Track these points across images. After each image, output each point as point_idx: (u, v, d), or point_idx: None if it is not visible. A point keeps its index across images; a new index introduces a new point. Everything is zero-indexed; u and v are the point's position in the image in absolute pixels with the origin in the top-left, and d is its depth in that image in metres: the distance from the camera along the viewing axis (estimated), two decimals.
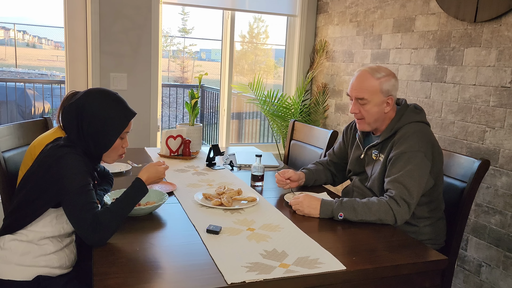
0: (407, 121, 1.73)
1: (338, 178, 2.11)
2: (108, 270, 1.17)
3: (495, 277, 2.35)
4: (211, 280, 1.14)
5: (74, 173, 1.33)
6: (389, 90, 1.73)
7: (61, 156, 1.34)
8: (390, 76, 1.74)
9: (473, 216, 2.45)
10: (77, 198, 1.31)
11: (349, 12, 3.50)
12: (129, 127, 1.51)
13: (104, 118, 1.42)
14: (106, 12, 3.18)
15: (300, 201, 1.67)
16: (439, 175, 1.76)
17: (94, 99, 1.43)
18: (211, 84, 6.24)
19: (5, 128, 2.00)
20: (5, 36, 8.63)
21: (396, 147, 1.69)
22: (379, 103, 1.73)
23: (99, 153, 1.46)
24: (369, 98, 1.72)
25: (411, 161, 1.64)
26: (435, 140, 1.74)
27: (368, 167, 1.86)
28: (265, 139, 4.79)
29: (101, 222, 1.29)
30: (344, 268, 1.24)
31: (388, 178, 1.67)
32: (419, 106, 1.81)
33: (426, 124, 1.76)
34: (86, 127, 1.41)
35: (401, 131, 1.71)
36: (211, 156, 2.38)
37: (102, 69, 3.24)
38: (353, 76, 1.79)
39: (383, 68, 1.76)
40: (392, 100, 1.75)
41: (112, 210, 1.34)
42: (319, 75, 3.89)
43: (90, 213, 1.30)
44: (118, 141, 1.48)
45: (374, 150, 1.81)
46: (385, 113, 1.76)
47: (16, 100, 4.86)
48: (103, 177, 1.77)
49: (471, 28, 2.44)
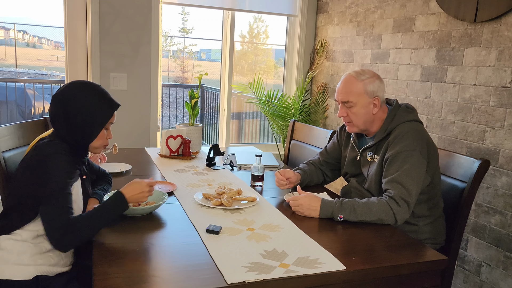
0: (400, 121, 1.74)
1: (329, 178, 2.12)
2: (108, 270, 1.17)
3: (495, 277, 2.35)
4: (211, 280, 1.14)
5: (54, 175, 1.33)
6: (374, 91, 1.76)
7: (46, 157, 1.35)
8: (374, 78, 1.77)
9: (473, 216, 2.45)
10: (54, 200, 1.31)
11: (349, 12, 3.50)
12: (113, 118, 1.52)
13: (91, 108, 1.44)
14: (106, 12, 3.18)
15: (300, 203, 1.66)
16: (436, 172, 1.76)
17: (79, 90, 1.45)
18: (211, 84, 6.24)
19: (5, 128, 2.00)
20: (5, 36, 8.63)
21: (391, 147, 1.70)
22: (366, 105, 1.75)
23: (85, 143, 1.47)
24: (354, 101, 1.75)
25: (408, 160, 1.64)
26: (429, 137, 1.75)
27: (364, 169, 1.87)
28: (265, 139, 4.80)
29: (73, 228, 1.29)
30: (344, 268, 1.24)
31: (385, 179, 1.68)
32: (410, 105, 1.82)
33: (419, 122, 1.77)
34: (74, 117, 1.42)
35: (395, 131, 1.72)
36: (211, 156, 2.38)
37: (102, 69, 3.24)
38: (339, 82, 1.82)
39: (367, 70, 1.79)
40: (379, 101, 1.76)
41: (87, 219, 1.33)
42: (319, 75, 3.89)
43: (64, 217, 1.30)
44: (103, 131, 1.49)
45: (369, 152, 1.83)
46: (373, 114, 1.77)
47: (16, 100, 4.86)
48: (101, 177, 1.77)
49: (471, 28, 2.44)
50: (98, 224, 1.35)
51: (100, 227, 1.36)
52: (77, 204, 1.44)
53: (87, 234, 1.32)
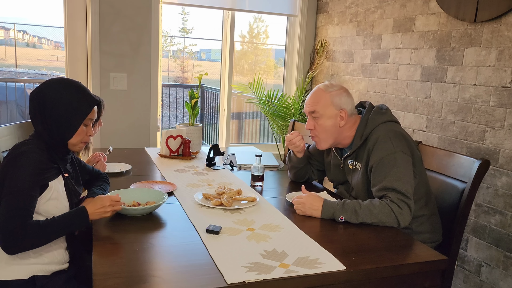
0: (375, 124, 1.74)
1: (314, 175, 2.14)
2: (108, 270, 1.17)
3: (495, 277, 2.35)
4: (211, 280, 1.14)
5: (19, 175, 1.31)
6: (341, 103, 1.78)
7: (16, 155, 1.35)
8: (342, 91, 1.80)
9: (473, 216, 2.45)
10: (11, 201, 1.29)
11: (349, 12, 3.50)
12: (93, 114, 1.50)
13: (67, 103, 1.42)
14: (106, 12, 3.18)
15: (302, 202, 1.66)
16: (421, 171, 1.76)
17: (56, 86, 1.44)
18: (211, 84, 6.24)
19: (5, 128, 2.01)
20: (5, 36, 8.62)
21: (373, 154, 1.70)
22: (332, 116, 1.77)
23: (63, 140, 1.45)
24: (321, 111, 1.78)
25: (393, 164, 1.64)
26: (407, 135, 1.75)
27: (349, 177, 1.88)
28: (265, 139, 4.80)
29: (26, 233, 1.26)
30: (344, 268, 1.24)
31: (376, 187, 1.67)
32: (384, 106, 1.82)
33: (394, 122, 1.78)
34: (49, 113, 1.41)
35: (372, 136, 1.72)
36: (211, 156, 2.38)
37: (102, 69, 3.25)
38: (308, 95, 1.85)
39: (336, 84, 1.83)
40: (346, 114, 1.78)
41: (43, 227, 1.30)
42: (319, 75, 3.89)
43: (20, 219, 1.27)
44: (82, 128, 1.47)
45: (350, 160, 1.83)
46: (340, 127, 1.79)
47: (16, 100, 4.86)
48: (97, 177, 1.76)
49: (471, 28, 2.44)
50: (52, 233, 1.33)
51: (53, 237, 1.34)
52: (60, 201, 1.43)
53: (38, 241, 1.30)
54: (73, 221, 1.37)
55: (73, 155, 1.61)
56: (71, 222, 1.37)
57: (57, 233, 1.35)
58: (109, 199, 1.43)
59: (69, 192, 1.48)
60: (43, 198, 1.38)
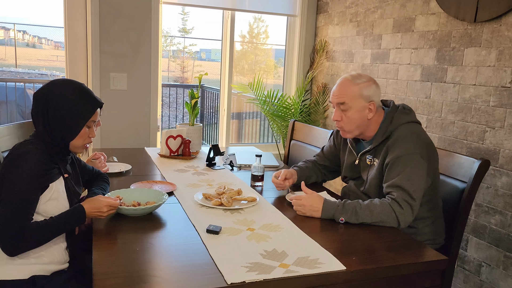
0: (399, 123, 1.73)
1: (328, 178, 2.12)
2: (108, 270, 1.17)
3: (495, 277, 2.35)
4: (211, 280, 1.14)
5: (19, 178, 1.31)
6: (370, 95, 1.74)
7: (16, 156, 1.34)
8: (371, 82, 1.76)
9: (473, 216, 2.45)
10: (12, 202, 1.29)
11: (349, 12, 3.50)
12: (96, 116, 1.49)
13: (70, 104, 1.42)
14: (106, 12, 3.18)
15: (302, 203, 1.66)
16: (436, 174, 1.76)
17: (59, 87, 1.44)
18: (211, 84, 6.24)
19: (5, 128, 2.01)
20: (5, 36, 8.62)
21: (391, 151, 1.69)
22: (361, 109, 1.74)
23: (65, 141, 1.44)
24: (350, 103, 1.73)
25: (408, 164, 1.64)
26: (428, 138, 1.74)
27: (364, 173, 1.86)
28: (265, 139, 4.80)
29: (26, 236, 1.27)
30: (344, 268, 1.24)
31: (386, 183, 1.67)
32: (407, 106, 1.81)
33: (418, 123, 1.77)
34: (52, 113, 1.41)
35: (394, 134, 1.71)
36: (211, 156, 2.38)
37: (102, 69, 3.24)
38: (335, 85, 1.81)
39: (364, 75, 1.78)
40: (375, 106, 1.75)
41: (43, 229, 1.31)
42: (319, 75, 3.89)
43: (20, 222, 1.28)
44: (84, 130, 1.46)
45: (368, 155, 1.81)
46: (368, 119, 1.76)
47: (16, 100, 4.86)
48: (96, 177, 1.76)
49: (471, 28, 2.44)
50: (51, 233, 1.34)
51: (52, 236, 1.35)
52: (60, 202, 1.43)
53: (37, 242, 1.31)
54: (71, 220, 1.39)
55: (73, 155, 1.61)
56: (69, 221, 1.38)
57: (56, 232, 1.36)
58: (107, 205, 1.44)
59: (69, 192, 1.48)
60: (43, 198, 1.38)
